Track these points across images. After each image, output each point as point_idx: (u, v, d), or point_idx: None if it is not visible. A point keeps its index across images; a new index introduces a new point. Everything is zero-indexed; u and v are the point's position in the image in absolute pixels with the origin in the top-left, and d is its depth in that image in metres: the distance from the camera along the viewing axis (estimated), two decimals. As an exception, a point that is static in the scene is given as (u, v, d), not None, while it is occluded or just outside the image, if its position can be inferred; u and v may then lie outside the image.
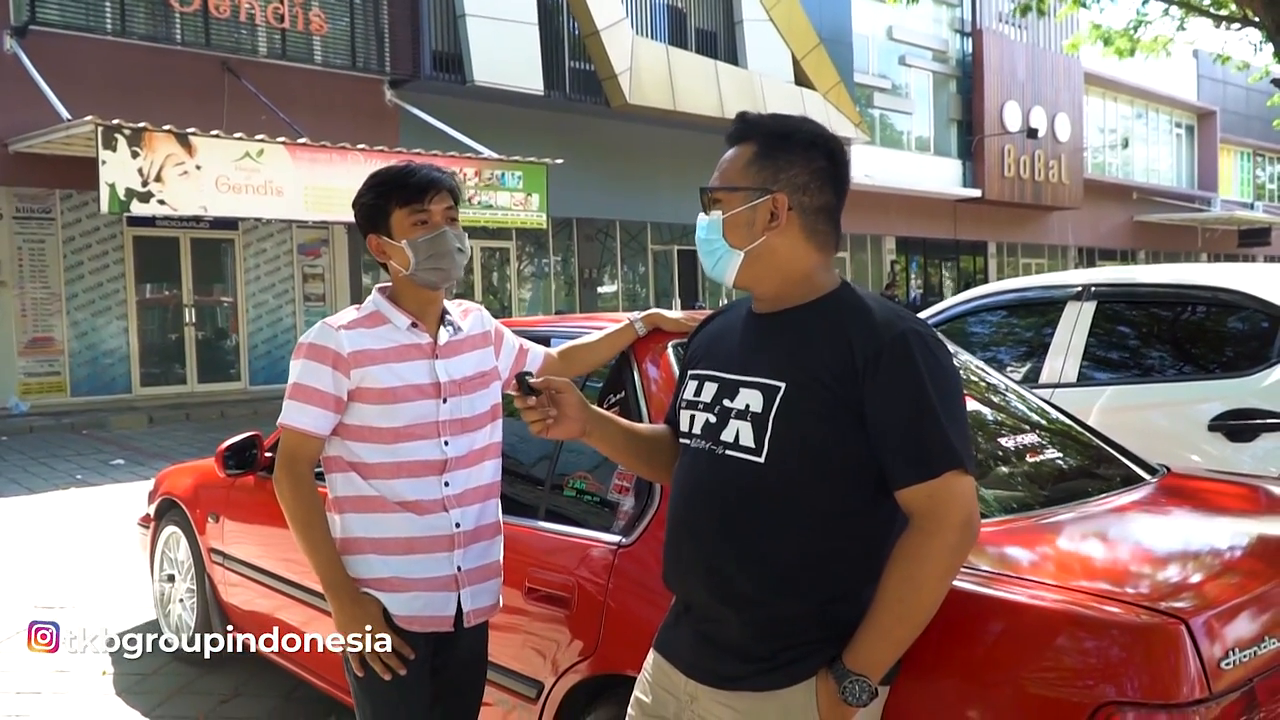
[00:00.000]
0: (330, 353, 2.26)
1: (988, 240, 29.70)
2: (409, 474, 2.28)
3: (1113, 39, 15.84)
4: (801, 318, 1.78)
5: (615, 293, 20.97)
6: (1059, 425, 2.94)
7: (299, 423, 2.26)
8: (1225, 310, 4.44)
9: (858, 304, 1.76)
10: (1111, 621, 1.73)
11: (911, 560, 1.63)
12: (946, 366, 1.71)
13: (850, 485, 1.71)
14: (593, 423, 1.98)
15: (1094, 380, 4.58)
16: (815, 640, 1.70)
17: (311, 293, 16.48)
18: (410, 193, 2.29)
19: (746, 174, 1.80)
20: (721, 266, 1.83)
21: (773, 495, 1.72)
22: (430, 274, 2.30)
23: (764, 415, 1.73)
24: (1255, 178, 41.07)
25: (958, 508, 1.63)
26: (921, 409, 1.64)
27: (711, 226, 1.83)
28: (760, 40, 21.08)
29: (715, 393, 1.84)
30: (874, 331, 1.69)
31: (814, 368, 1.71)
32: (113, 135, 11.13)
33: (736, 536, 1.75)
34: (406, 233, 2.29)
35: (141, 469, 9.68)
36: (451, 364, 2.36)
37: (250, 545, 3.95)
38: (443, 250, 2.29)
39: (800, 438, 1.70)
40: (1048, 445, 2.74)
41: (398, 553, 2.29)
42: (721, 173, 1.84)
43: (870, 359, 1.66)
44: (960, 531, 1.63)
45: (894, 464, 1.66)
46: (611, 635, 2.37)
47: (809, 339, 1.74)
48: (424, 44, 16.27)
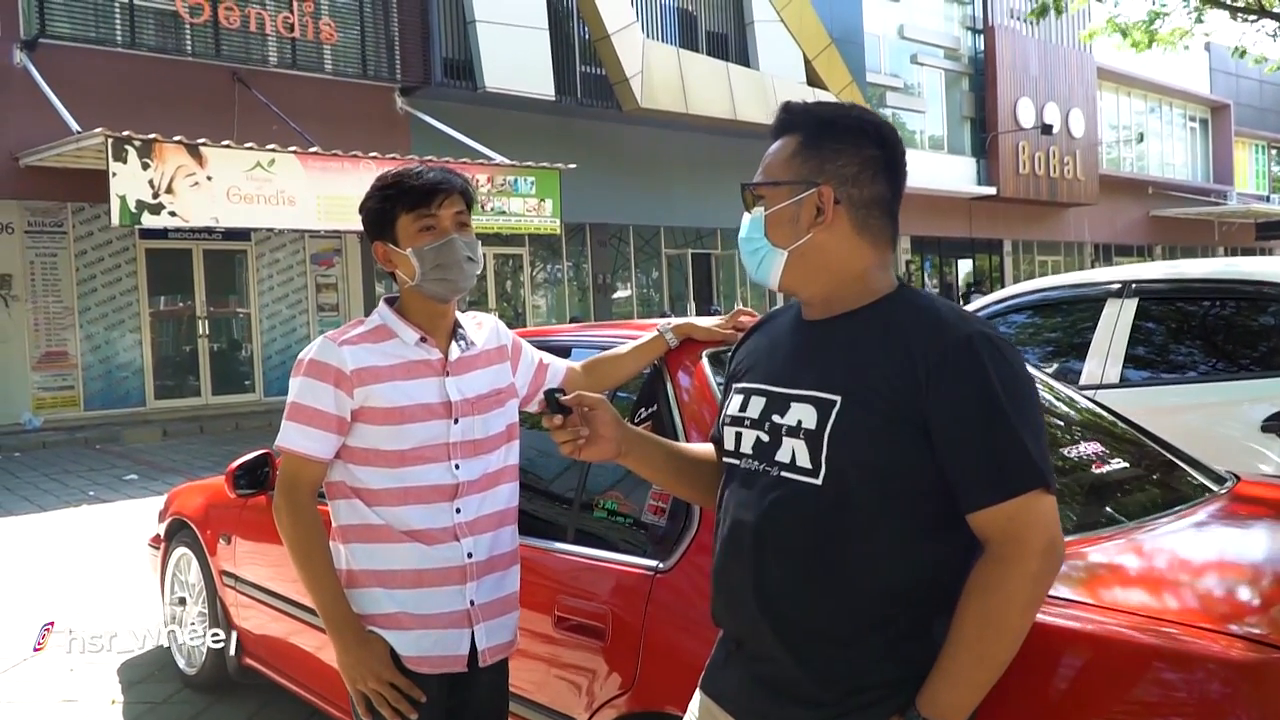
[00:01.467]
0: (332, 370, 2.08)
1: (1003, 238, 29.42)
2: (417, 500, 2.11)
3: (1129, 31, 15.62)
4: (856, 324, 1.61)
5: (629, 298, 20.81)
6: (1118, 431, 2.76)
7: (299, 446, 2.09)
8: (1273, 305, 4.25)
9: (918, 306, 1.59)
10: (1212, 657, 1.55)
11: (990, 593, 1.45)
12: (1020, 372, 1.53)
13: (918, 508, 1.53)
14: (629, 443, 1.81)
15: (1137, 381, 4.41)
16: (884, 684, 1.52)
17: (325, 303, 16.38)
18: (416, 196, 2.11)
19: (790, 166, 1.65)
20: (765, 267, 1.67)
21: (833, 520, 1.54)
22: (437, 285, 2.13)
23: (818, 432, 1.55)
24: (1271, 170, 40.67)
25: (1040, 531, 1.45)
26: (994, 420, 1.47)
27: (753, 225, 1.68)
28: (771, 41, 20.90)
29: (764, 408, 1.66)
30: (937, 336, 1.52)
31: (871, 379, 1.54)
32: (123, 147, 11.03)
33: (794, 565, 1.58)
34: (412, 240, 2.11)
35: (155, 484, 9.55)
36: (463, 381, 2.18)
37: (263, 567, 3.79)
38: (450, 260, 2.11)
39: (860, 457, 1.53)
40: (1110, 454, 2.56)
41: (405, 586, 2.11)
42: (764, 167, 1.69)
43: (934, 367, 1.49)
44: (1043, 558, 1.45)
45: (966, 484, 1.48)
46: (651, 668, 2.20)
47: (864, 347, 1.57)
48: (434, 51, 16.15)
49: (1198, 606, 1.85)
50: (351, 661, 2.07)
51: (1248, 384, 4.18)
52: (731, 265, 22.23)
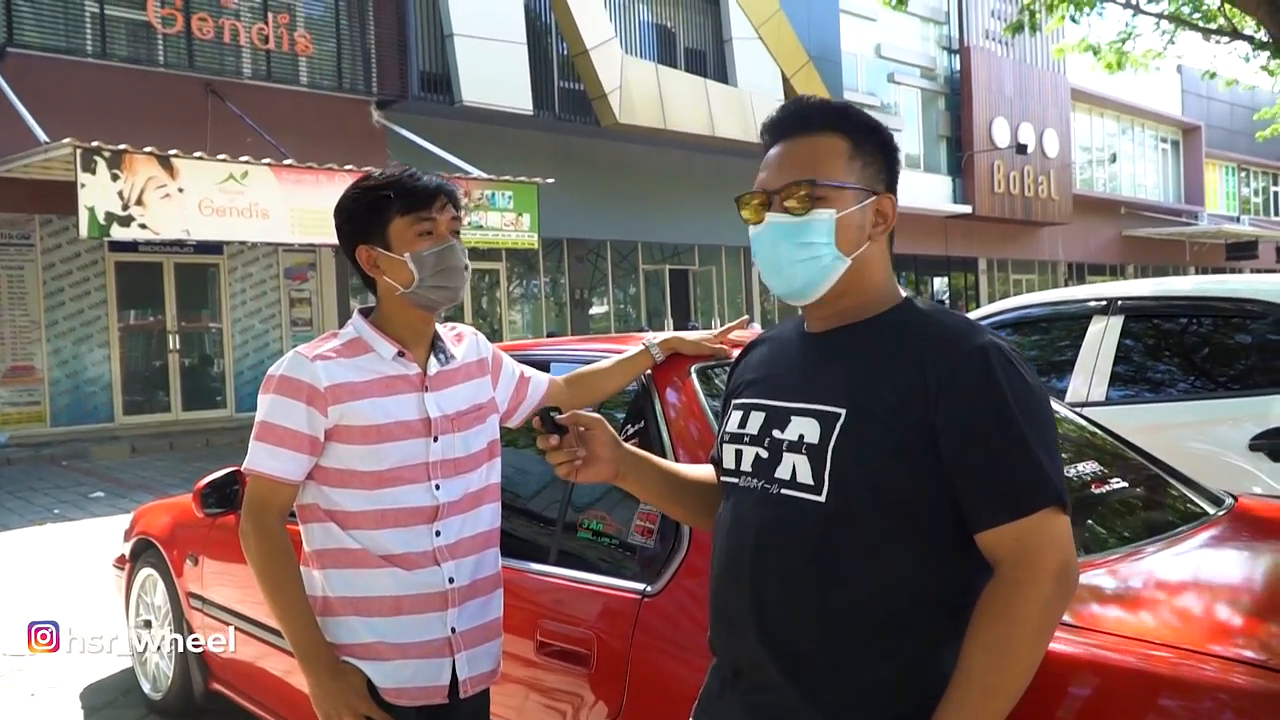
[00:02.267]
0: (305, 387, 1.96)
1: (978, 256, 29.57)
2: (395, 523, 1.99)
3: (1101, 51, 15.74)
4: (863, 334, 1.54)
5: (607, 313, 20.72)
6: (1114, 449, 2.70)
7: (268, 468, 1.97)
8: (1262, 322, 4.21)
9: (927, 317, 1.52)
10: (1224, 686, 1.48)
11: (1000, 619, 1.36)
12: (1035, 386, 1.45)
13: (928, 528, 1.44)
14: (626, 464, 1.72)
15: (1122, 399, 4.36)
16: (892, 716, 1.43)
17: (299, 317, 16.17)
18: (416, 199, 2.00)
19: (851, 170, 1.57)
20: (818, 276, 1.55)
21: (837, 541, 1.46)
22: (435, 292, 2.01)
23: (821, 446, 1.47)
24: (1241, 192, 41.13)
25: (1053, 552, 1.37)
26: (1007, 435, 1.39)
27: (819, 228, 1.54)
28: (749, 58, 20.94)
29: (763, 423, 1.58)
30: (947, 347, 1.45)
31: (879, 391, 1.46)
32: (92, 157, 10.86)
33: (797, 588, 1.48)
34: (410, 244, 1.99)
35: (122, 501, 9.36)
36: (443, 397, 2.06)
37: (231, 589, 3.66)
38: (451, 265, 2.01)
39: (865, 472, 1.44)
40: (1109, 473, 2.49)
41: (383, 614, 1.99)
42: (816, 165, 1.56)
43: (945, 379, 1.42)
44: (1057, 581, 1.37)
45: (977, 501, 1.40)
46: (638, 697, 2.09)
47: (872, 358, 1.50)
48: (411, 65, 16.06)
49: (1208, 633, 1.77)
50: (325, 694, 1.96)
51: (1234, 402, 4.13)
52: (709, 281, 22.19)
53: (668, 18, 20.58)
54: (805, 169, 1.56)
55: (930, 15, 27.42)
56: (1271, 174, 42.44)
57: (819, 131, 1.59)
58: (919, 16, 26.92)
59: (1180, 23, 15.10)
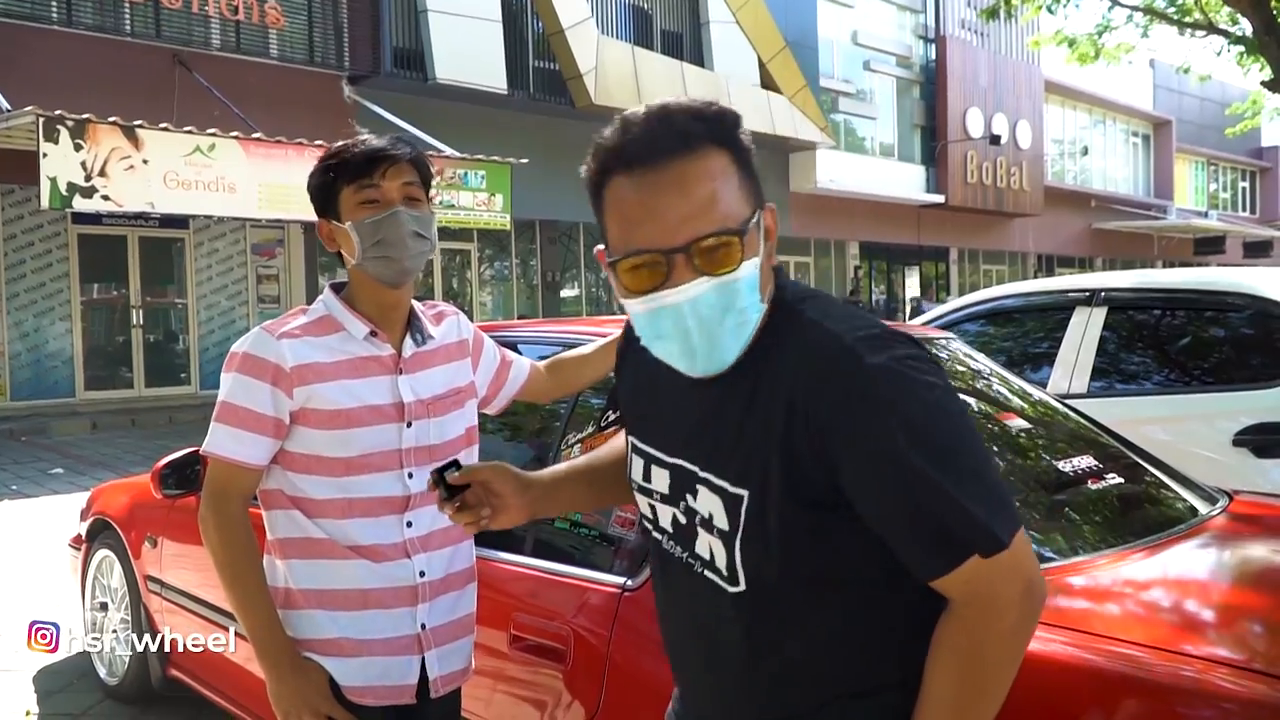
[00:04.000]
0: (270, 366, 1.84)
1: (950, 246, 29.65)
2: (363, 513, 1.87)
3: (1076, 43, 15.75)
4: (737, 369, 1.29)
5: (578, 296, 20.58)
6: (1107, 444, 2.63)
7: (230, 452, 1.85)
8: (1247, 317, 4.17)
9: (792, 331, 1.28)
10: (1229, 694, 1.42)
11: (961, 655, 1.22)
12: (934, 401, 1.21)
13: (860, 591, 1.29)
14: (540, 499, 1.59)
15: (1105, 391, 4.30)
16: None
17: (266, 294, 15.93)
18: (357, 166, 1.87)
19: (743, 196, 1.26)
20: (746, 338, 1.28)
21: (766, 624, 1.32)
22: (378, 264, 1.86)
23: (730, 534, 1.29)
24: (1210, 187, 41.51)
25: (1008, 583, 1.20)
26: (915, 482, 1.17)
27: (749, 283, 1.25)
28: (726, 42, 20.82)
29: (670, 483, 1.39)
30: (816, 379, 1.21)
31: (768, 457, 1.24)
32: (54, 127, 10.58)
33: (731, 674, 1.36)
34: (353, 213, 1.86)
35: (82, 479, 9.16)
36: (418, 380, 1.94)
37: (191, 573, 3.53)
38: (393, 236, 1.84)
39: (777, 560, 1.27)
40: (1104, 469, 2.41)
41: (349, 608, 1.88)
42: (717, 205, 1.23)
43: (822, 420, 1.20)
44: (1019, 606, 1.20)
45: (908, 558, 1.22)
46: (616, 695, 2.00)
47: (756, 400, 1.26)
48: (384, 40, 15.81)
49: (1212, 638, 1.71)
50: (286, 692, 1.84)
51: (1219, 396, 4.09)
52: (681, 266, 22.05)
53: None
54: (709, 208, 1.22)
55: (907, 3, 27.39)
56: (1240, 169, 42.89)
57: (702, 150, 1.24)
58: (895, 4, 26.92)
59: (1155, 15, 15.15)
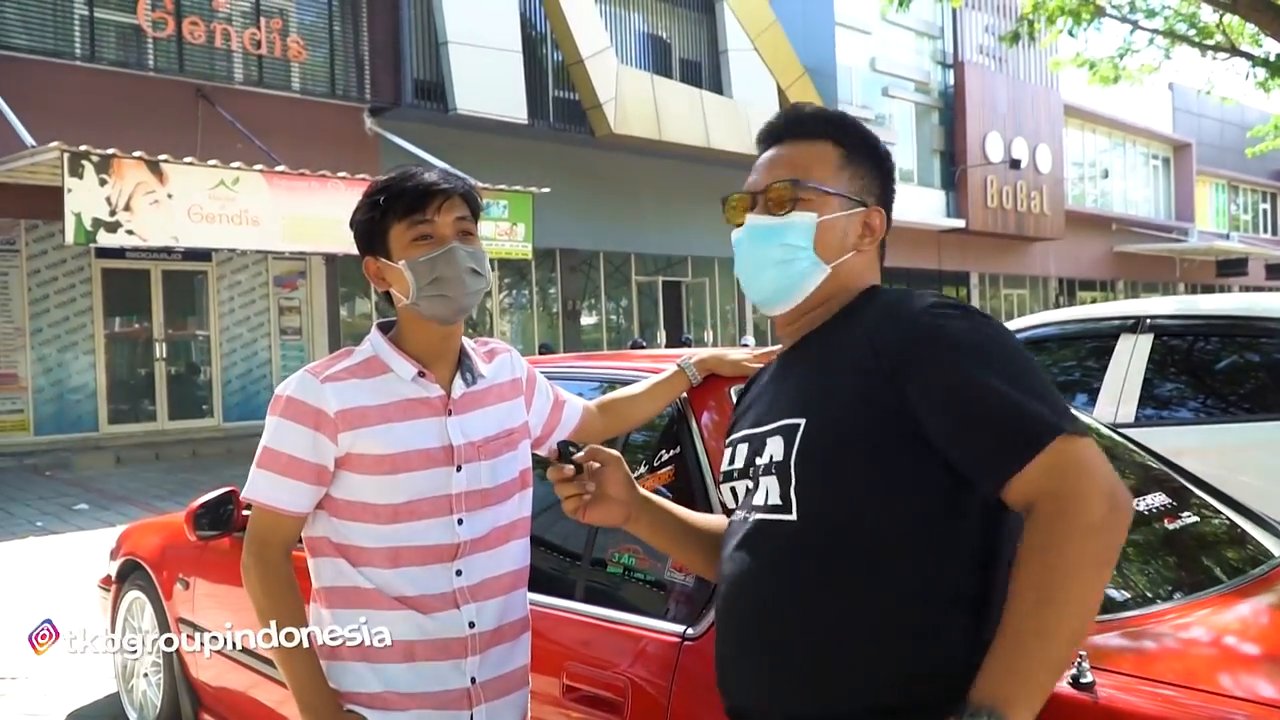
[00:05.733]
0: (312, 411, 1.77)
1: (971, 270, 29.51)
2: (412, 561, 1.79)
3: (1097, 66, 15.69)
4: (821, 336, 1.50)
5: (598, 324, 20.55)
6: (1175, 481, 2.52)
7: (271, 500, 1.79)
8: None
9: (881, 299, 1.47)
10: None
11: (1048, 552, 1.19)
12: (994, 335, 1.35)
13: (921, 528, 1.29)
14: (640, 507, 1.65)
15: (1154, 420, 4.20)
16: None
17: (288, 326, 15.95)
18: (409, 201, 1.80)
19: (840, 178, 1.52)
20: (795, 280, 1.50)
21: (820, 561, 1.32)
22: (435, 303, 1.80)
23: (785, 462, 1.37)
24: (1230, 209, 41.25)
25: (1089, 474, 1.21)
26: (985, 392, 1.26)
27: (798, 230, 1.49)
28: (745, 70, 20.85)
29: (746, 453, 1.48)
30: (892, 322, 1.38)
31: (837, 390, 1.38)
32: (79, 162, 10.64)
33: (782, 624, 1.35)
34: (406, 251, 1.79)
35: (106, 513, 9.13)
36: (468, 421, 1.86)
37: (224, 614, 3.46)
38: (451, 273, 1.78)
39: (835, 480, 1.33)
40: (1179, 507, 2.31)
41: (394, 661, 1.79)
42: (803, 169, 1.52)
43: (896, 356, 1.33)
44: (1106, 501, 1.19)
45: (980, 468, 1.26)
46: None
47: (828, 357, 1.44)
48: (405, 72, 15.90)
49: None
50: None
51: (1271, 425, 3.99)
52: (702, 293, 22.04)
53: (663, 28, 20.48)
54: (791, 170, 1.52)
55: (925, 30, 27.39)
56: (1261, 191, 42.60)
57: (811, 138, 1.55)
58: (914, 31, 26.91)
59: (1176, 38, 15.07)
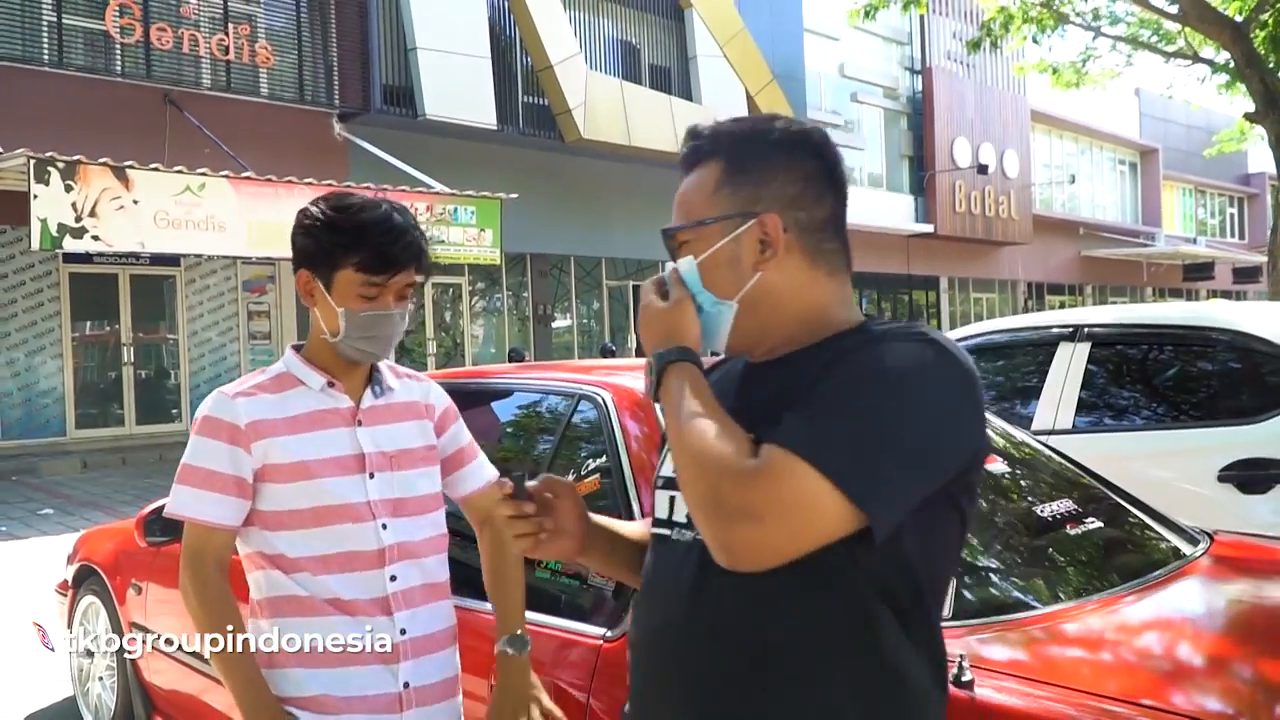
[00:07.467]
0: (225, 426, 1.86)
1: (940, 275, 29.76)
2: (341, 567, 1.87)
3: (1060, 71, 15.95)
4: (796, 360, 1.34)
5: (569, 328, 20.61)
6: (1087, 486, 2.64)
7: (197, 514, 1.86)
8: (1231, 352, 4.19)
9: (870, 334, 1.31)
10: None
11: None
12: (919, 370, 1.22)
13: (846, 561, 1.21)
14: (592, 537, 1.54)
15: (1091, 427, 4.32)
16: None
17: (257, 330, 15.94)
18: (371, 260, 1.85)
19: (717, 200, 1.37)
20: (712, 326, 1.37)
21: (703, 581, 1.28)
22: (357, 351, 1.90)
23: None
24: (1197, 213, 41.74)
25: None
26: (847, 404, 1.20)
27: (686, 279, 1.38)
28: (714, 76, 20.97)
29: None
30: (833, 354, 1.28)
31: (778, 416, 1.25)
32: (45, 168, 10.62)
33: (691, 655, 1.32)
34: (348, 300, 1.86)
35: (71, 519, 9.13)
36: (378, 433, 1.94)
37: (175, 620, 3.51)
38: (382, 333, 1.89)
39: None
40: (1083, 512, 2.42)
41: (329, 665, 1.87)
42: (685, 207, 1.41)
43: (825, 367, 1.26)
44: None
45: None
46: (596, 749, 2.01)
47: (794, 381, 1.28)
48: (374, 77, 15.91)
49: (1195, 694, 1.71)
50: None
51: (1204, 432, 4.11)
52: (672, 298, 22.10)
53: (632, 34, 20.57)
54: (677, 212, 1.42)
55: (893, 36, 27.62)
56: (1228, 195, 43.16)
57: (703, 161, 1.41)
58: (882, 37, 27.14)
59: (1139, 45, 15.34)
